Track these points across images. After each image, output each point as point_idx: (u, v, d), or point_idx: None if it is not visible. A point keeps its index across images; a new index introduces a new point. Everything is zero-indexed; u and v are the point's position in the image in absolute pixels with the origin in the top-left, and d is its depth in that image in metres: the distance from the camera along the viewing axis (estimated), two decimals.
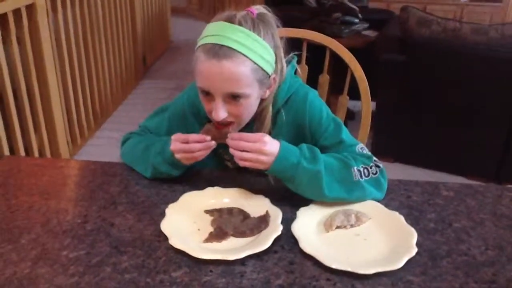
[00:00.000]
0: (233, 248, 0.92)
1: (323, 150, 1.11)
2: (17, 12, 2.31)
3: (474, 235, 0.99)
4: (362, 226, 1.01)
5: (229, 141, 1.02)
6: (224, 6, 6.63)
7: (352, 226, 1.00)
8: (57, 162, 1.30)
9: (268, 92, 1.09)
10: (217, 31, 1.01)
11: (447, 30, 2.67)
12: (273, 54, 1.06)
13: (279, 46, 1.08)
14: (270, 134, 1.12)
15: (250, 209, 1.03)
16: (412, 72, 2.74)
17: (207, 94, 1.03)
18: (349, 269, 0.85)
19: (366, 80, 1.44)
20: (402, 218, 1.01)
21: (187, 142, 1.06)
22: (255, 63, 1.00)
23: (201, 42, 1.03)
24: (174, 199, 1.06)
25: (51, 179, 1.17)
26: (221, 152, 1.23)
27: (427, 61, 2.70)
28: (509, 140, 2.66)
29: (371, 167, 1.07)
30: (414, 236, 0.95)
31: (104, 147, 3.14)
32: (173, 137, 1.08)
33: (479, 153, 2.74)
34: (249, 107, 1.06)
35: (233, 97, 1.02)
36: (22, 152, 2.42)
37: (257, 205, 1.03)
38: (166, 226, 0.95)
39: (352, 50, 1.51)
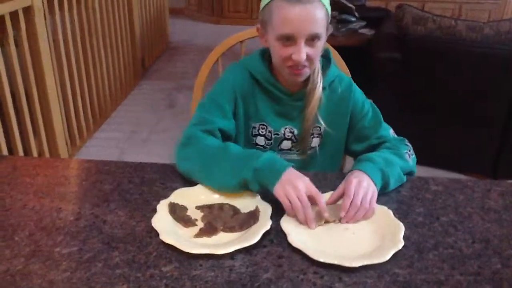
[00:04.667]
0: (223, 243, 0.93)
1: (363, 130, 1.29)
2: (14, 15, 2.32)
3: (461, 228, 1.00)
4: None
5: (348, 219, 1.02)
6: (223, 6, 6.66)
7: (340, 221, 1.01)
8: (52, 161, 1.32)
9: (324, 41, 1.18)
10: None
11: (443, 28, 2.69)
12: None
13: None
14: (320, 102, 1.24)
15: (240, 205, 1.05)
16: (408, 70, 2.75)
17: (288, 39, 1.12)
18: (336, 262, 0.86)
19: (349, 73, 1.46)
20: (390, 212, 1.02)
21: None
22: (326, 8, 1.14)
23: None
24: (166, 195, 1.08)
25: (45, 178, 1.19)
26: (255, 127, 1.28)
27: (422, 58, 2.71)
28: (505, 136, 2.67)
29: (409, 150, 1.23)
30: (401, 229, 0.96)
31: (103, 148, 3.16)
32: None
33: (475, 150, 2.75)
34: (320, 51, 1.18)
35: (312, 39, 1.13)
36: (21, 154, 2.44)
37: (247, 201, 1.05)
38: (157, 222, 0.97)
39: (348, 48, 1.53)
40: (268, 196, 1.05)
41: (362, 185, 1.03)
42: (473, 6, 5.76)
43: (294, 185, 0.99)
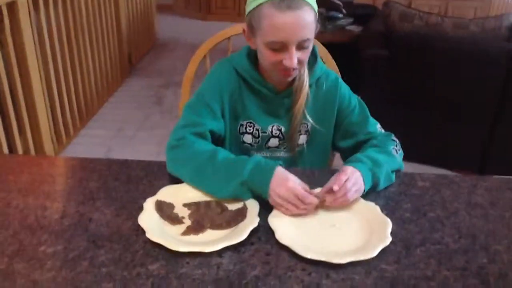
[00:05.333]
0: (210, 240, 0.93)
1: (350, 126, 1.29)
2: None
3: (448, 224, 1.01)
4: (339, 217, 1.02)
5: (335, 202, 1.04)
6: (210, 3, 6.63)
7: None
8: (36, 159, 1.30)
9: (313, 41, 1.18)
10: None
11: (429, 25, 2.70)
12: None
13: None
14: (307, 99, 1.24)
15: (228, 202, 1.04)
16: (395, 66, 2.76)
17: (279, 46, 1.10)
18: (323, 258, 0.86)
19: (339, 71, 1.46)
20: (378, 208, 1.03)
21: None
22: (314, 10, 1.12)
23: None
24: (153, 193, 1.07)
25: (30, 176, 1.17)
26: (242, 125, 1.27)
27: (409, 55, 2.72)
28: (492, 132, 2.69)
29: (396, 146, 1.24)
30: (389, 225, 0.96)
31: (90, 145, 3.13)
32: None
33: (463, 147, 2.77)
34: (309, 52, 1.17)
35: (303, 44, 1.11)
36: (6, 152, 2.41)
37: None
38: (143, 220, 0.96)
39: (336, 45, 1.52)
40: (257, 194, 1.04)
41: (355, 176, 1.05)
42: (459, 3, 5.79)
43: (279, 194, 1.00)
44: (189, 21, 6.63)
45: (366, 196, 1.08)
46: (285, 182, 1.01)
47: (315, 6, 1.12)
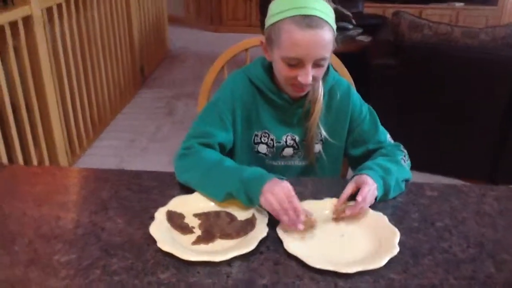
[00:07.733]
0: (220, 250, 0.94)
1: (361, 134, 1.30)
2: (13, 24, 2.34)
3: (456, 233, 1.01)
4: (347, 227, 1.03)
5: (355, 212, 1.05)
6: (221, 14, 6.69)
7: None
8: (51, 170, 1.33)
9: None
10: (301, 3, 1.10)
11: (439, 34, 2.71)
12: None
13: None
14: (320, 110, 1.26)
15: (237, 212, 1.06)
16: (404, 76, 2.76)
17: (295, 62, 1.12)
18: (331, 268, 0.87)
19: (353, 83, 1.47)
20: (385, 218, 1.03)
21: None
22: (333, 30, 1.13)
23: (285, 14, 1.11)
24: (164, 203, 1.09)
25: (44, 187, 1.20)
26: (257, 135, 1.29)
27: (418, 64, 2.73)
28: (502, 141, 2.68)
29: (404, 156, 1.26)
30: (397, 235, 0.97)
31: (103, 156, 3.17)
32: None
33: (473, 156, 2.76)
34: (325, 69, 1.19)
35: (319, 62, 1.13)
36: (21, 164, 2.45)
37: (244, 209, 1.06)
38: (155, 229, 0.98)
39: (346, 55, 1.54)
40: None
41: (373, 187, 1.08)
42: (470, 12, 5.78)
43: (273, 192, 1.00)
44: (201, 32, 6.70)
45: (374, 205, 1.09)
46: (277, 185, 1.01)
47: (334, 26, 1.14)
